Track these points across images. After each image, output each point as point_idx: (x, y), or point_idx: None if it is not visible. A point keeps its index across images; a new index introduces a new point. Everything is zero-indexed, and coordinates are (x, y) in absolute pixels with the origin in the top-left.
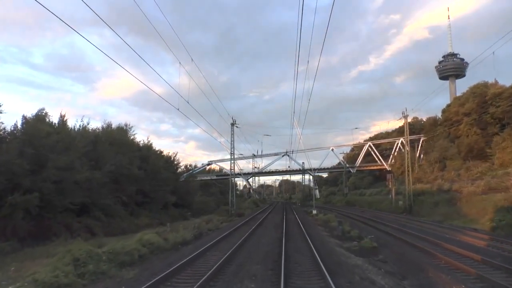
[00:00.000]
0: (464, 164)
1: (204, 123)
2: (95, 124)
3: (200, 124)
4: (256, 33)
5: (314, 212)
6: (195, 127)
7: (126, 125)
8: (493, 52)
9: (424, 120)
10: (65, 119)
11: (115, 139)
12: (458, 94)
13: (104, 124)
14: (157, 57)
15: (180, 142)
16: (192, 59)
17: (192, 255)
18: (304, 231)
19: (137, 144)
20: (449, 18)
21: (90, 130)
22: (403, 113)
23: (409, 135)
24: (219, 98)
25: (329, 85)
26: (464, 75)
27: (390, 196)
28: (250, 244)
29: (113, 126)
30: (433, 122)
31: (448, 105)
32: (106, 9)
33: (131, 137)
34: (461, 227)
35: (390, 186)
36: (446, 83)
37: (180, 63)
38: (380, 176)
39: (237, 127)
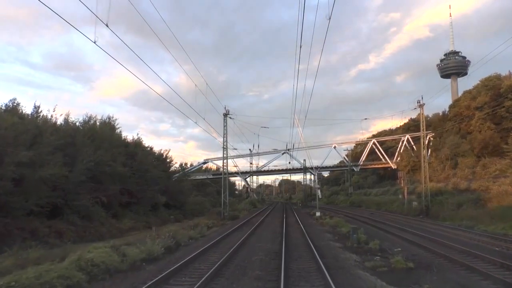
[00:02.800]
0: (479, 161)
1: (203, 122)
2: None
3: (199, 123)
4: (256, 32)
5: (318, 214)
6: (194, 127)
7: (109, 118)
8: None
9: (430, 116)
10: (39, 110)
11: (97, 133)
12: (460, 92)
13: (86, 117)
14: (156, 56)
15: (180, 142)
16: (161, 17)
17: (148, 284)
18: (310, 241)
19: (124, 139)
20: (450, 16)
21: (71, 123)
22: (418, 102)
23: (415, 132)
24: (213, 91)
25: (329, 84)
26: (466, 73)
27: (401, 196)
28: (238, 262)
29: (98, 120)
30: (441, 118)
31: (458, 100)
32: (105, 8)
33: (117, 131)
34: (502, 234)
35: (402, 185)
36: (448, 81)
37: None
38: (384, 175)
39: (230, 118)
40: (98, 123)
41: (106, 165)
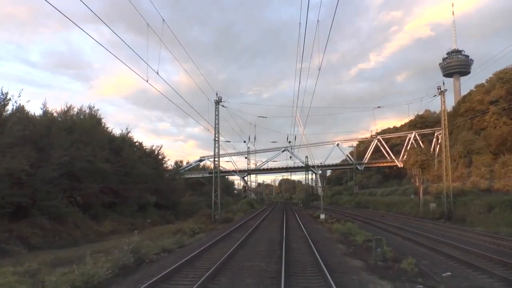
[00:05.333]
0: (497, 159)
1: (203, 122)
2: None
3: (198, 122)
4: (256, 31)
5: (323, 216)
6: (194, 126)
7: (90, 108)
8: None
9: (438, 112)
10: (7, 97)
11: (76, 125)
12: (463, 92)
13: (65, 106)
14: (156, 55)
15: (180, 141)
16: (163, 20)
17: None
18: (319, 258)
19: (110, 133)
20: (453, 14)
21: (48, 113)
22: (439, 88)
23: (422, 128)
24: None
25: (329, 84)
26: (468, 72)
27: (413, 196)
28: None
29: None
30: (451, 113)
31: (469, 94)
32: (104, 6)
33: (103, 124)
34: None
35: (417, 184)
36: (450, 80)
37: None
38: (390, 174)
39: (223, 106)
40: (81, 116)
41: (85, 161)
